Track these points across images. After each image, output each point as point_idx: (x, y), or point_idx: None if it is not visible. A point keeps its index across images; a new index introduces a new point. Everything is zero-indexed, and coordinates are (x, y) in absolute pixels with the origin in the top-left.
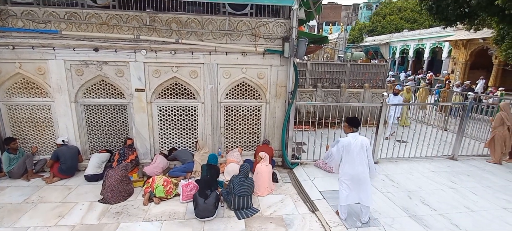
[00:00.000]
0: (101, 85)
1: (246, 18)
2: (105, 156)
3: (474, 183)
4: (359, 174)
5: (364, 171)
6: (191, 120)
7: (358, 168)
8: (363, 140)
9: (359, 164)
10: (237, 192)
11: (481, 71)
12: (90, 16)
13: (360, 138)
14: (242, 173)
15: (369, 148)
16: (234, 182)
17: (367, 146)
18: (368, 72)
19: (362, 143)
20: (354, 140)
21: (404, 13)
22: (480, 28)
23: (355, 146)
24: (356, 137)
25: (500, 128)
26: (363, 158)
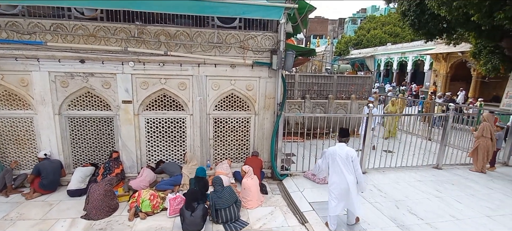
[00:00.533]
0: (87, 97)
1: (234, 31)
2: (89, 169)
3: (458, 191)
4: (346, 184)
5: (351, 181)
6: (180, 131)
7: (346, 177)
8: (349, 151)
9: (346, 173)
10: (220, 205)
11: (461, 82)
12: (77, 28)
13: (346, 149)
14: (216, 184)
15: (356, 159)
16: (213, 198)
17: (353, 156)
18: (354, 84)
19: (348, 153)
20: (340, 150)
21: (387, 27)
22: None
23: (340, 156)
24: (343, 147)
25: (483, 138)
26: (350, 168)
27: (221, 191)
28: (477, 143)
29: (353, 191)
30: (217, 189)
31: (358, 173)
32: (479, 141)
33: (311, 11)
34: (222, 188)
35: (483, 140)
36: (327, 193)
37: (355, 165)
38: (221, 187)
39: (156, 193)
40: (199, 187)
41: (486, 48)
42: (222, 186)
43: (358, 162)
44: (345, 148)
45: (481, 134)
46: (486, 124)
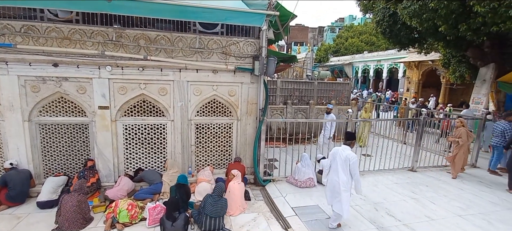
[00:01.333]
0: (60, 102)
1: (216, 37)
2: (61, 179)
3: (432, 193)
4: (338, 183)
5: (343, 181)
6: (160, 138)
7: (339, 176)
8: (350, 154)
9: (341, 173)
10: (209, 212)
11: (432, 89)
12: (50, 30)
13: (347, 152)
14: (216, 192)
15: (354, 163)
16: (206, 202)
17: (351, 160)
18: (334, 90)
19: (347, 156)
20: (342, 151)
21: (364, 36)
22: (429, 51)
23: (340, 157)
24: (345, 149)
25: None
26: (346, 169)
27: (217, 200)
28: (459, 149)
29: (343, 191)
30: (215, 196)
31: (355, 177)
32: (463, 146)
33: (292, 18)
34: (219, 198)
35: (464, 146)
36: (309, 197)
37: (353, 169)
38: (219, 197)
39: (134, 203)
40: (180, 195)
41: (454, 57)
42: (221, 197)
43: (356, 166)
44: (347, 150)
45: (466, 139)
46: (465, 128)
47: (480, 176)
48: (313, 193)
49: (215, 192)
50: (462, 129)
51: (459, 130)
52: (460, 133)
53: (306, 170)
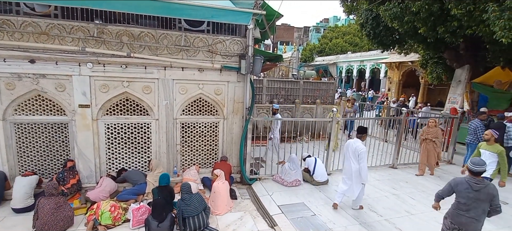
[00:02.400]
0: (38, 101)
1: (202, 35)
2: (33, 179)
3: (412, 188)
4: (350, 170)
5: (354, 168)
6: (144, 137)
7: (351, 164)
8: (359, 146)
9: (353, 162)
10: (188, 213)
11: (412, 89)
12: (26, 25)
13: (358, 144)
14: (184, 192)
15: (361, 153)
16: (180, 206)
17: (359, 151)
18: (319, 89)
19: (357, 148)
20: (353, 143)
21: (348, 37)
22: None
23: (351, 148)
24: (356, 142)
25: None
26: (356, 159)
27: (189, 199)
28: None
29: (354, 178)
30: (184, 197)
31: (361, 165)
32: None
33: (278, 18)
34: (190, 195)
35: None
36: (295, 196)
37: (360, 158)
38: (189, 195)
39: (117, 204)
40: (163, 196)
41: (432, 59)
42: (190, 193)
43: (363, 156)
44: (358, 143)
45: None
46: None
47: (455, 172)
48: (299, 191)
49: (183, 192)
50: (438, 129)
51: (435, 129)
52: (437, 132)
53: (294, 172)
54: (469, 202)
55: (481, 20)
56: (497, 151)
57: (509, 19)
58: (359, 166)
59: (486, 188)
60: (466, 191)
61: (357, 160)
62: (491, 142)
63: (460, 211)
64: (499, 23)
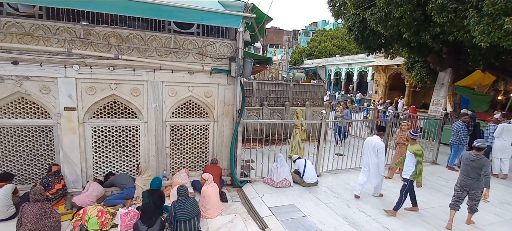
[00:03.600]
0: (21, 103)
1: (192, 37)
2: (10, 187)
3: (398, 188)
4: (369, 163)
5: (373, 162)
6: (133, 140)
7: (369, 158)
8: (378, 142)
9: (372, 156)
10: (181, 217)
11: (398, 91)
12: (9, 25)
13: (376, 140)
14: (180, 195)
15: (380, 149)
16: (175, 208)
17: (379, 147)
18: (308, 92)
19: (376, 144)
20: (373, 139)
21: (336, 40)
22: (394, 56)
23: (371, 144)
24: (375, 138)
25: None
26: (374, 153)
27: (184, 202)
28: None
29: (372, 170)
30: (180, 200)
31: (379, 159)
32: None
33: (268, 21)
34: (186, 199)
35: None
36: (285, 197)
37: (379, 153)
38: (185, 198)
39: (104, 209)
40: (153, 200)
41: (417, 62)
42: (187, 197)
43: (382, 152)
44: (376, 139)
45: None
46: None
47: (439, 171)
48: (289, 192)
49: (179, 195)
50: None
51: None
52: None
53: (282, 170)
54: (468, 169)
55: (462, 26)
56: (414, 151)
57: (487, 24)
58: (378, 160)
59: (479, 160)
60: (466, 161)
61: (376, 155)
62: (411, 142)
63: (463, 176)
64: (478, 28)
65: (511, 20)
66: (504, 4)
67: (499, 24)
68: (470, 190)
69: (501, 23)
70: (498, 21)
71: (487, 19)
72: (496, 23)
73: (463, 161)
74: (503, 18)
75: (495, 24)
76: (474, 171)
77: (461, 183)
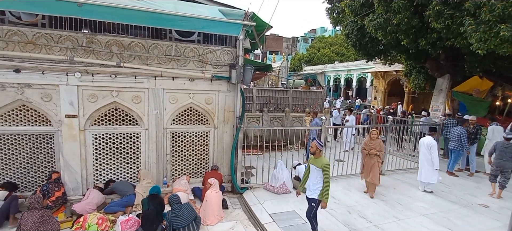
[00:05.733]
0: (22, 111)
1: (193, 45)
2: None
3: (399, 194)
4: (423, 161)
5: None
6: (133, 147)
7: (423, 156)
8: (430, 141)
9: (425, 154)
10: (178, 224)
11: (397, 97)
12: (11, 34)
13: (429, 140)
14: (174, 204)
15: (433, 147)
16: (171, 217)
17: (430, 145)
18: (308, 98)
19: (428, 143)
20: (425, 139)
21: (335, 47)
22: (393, 62)
23: (424, 143)
24: (428, 138)
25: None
26: (427, 152)
27: (179, 209)
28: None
29: (427, 166)
30: (175, 208)
31: (433, 156)
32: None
33: (268, 29)
34: (180, 206)
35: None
36: (286, 204)
37: (432, 151)
38: (179, 205)
39: (105, 216)
40: (154, 206)
41: (415, 68)
42: (180, 204)
43: (435, 149)
44: (429, 139)
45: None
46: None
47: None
48: (290, 199)
49: (172, 203)
50: (381, 142)
51: (378, 142)
52: (381, 145)
53: (281, 174)
54: (502, 153)
55: (459, 33)
56: (321, 166)
57: (484, 32)
58: (431, 156)
59: (510, 147)
60: (501, 147)
61: (430, 152)
62: (317, 155)
63: (498, 160)
64: (475, 35)
65: (507, 27)
66: (502, 11)
67: (495, 32)
68: (503, 169)
69: (497, 31)
70: (494, 29)
71: (483, 26)
72: (492, 31)
73: (499, 148)
74: (499, 25)
75: (491, 32)
76: (507, 155)
77: (496, 163)
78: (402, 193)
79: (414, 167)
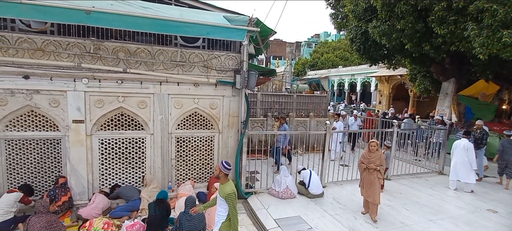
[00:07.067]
0: (30, 116)
1: (198, 51)
2: (14, 196)
3: (405, 199)
4: (459, 162)
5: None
6: (139, 152)
7: (459, 158)
8: (467, 143)
9: (462, 156)
10: (188, 228)
11: (401, 101)
12: (21, 41)
13: (465, 142)
14: (188, 206)
15: (470, 149)
16: (181, 220)
17: (467, 147)
18: (312, 103)
19: (464, 145)
20: (462, 142)
21: (338, 52)
22: (397, 67)
23: (460, 145)
24: (463, 140)
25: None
26: (465, 153)
27: (192, 214)
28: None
29: (465, 167)
30: (188, 211)
31: (470, 157)
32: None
33: (272, 34)
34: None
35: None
36: (291, 209)
37: (469, 152)
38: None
39: (110, 221)
40: (160, 211)
41: (420, 72)
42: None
43: (471, 150)
44: (465, 141)
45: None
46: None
47: (447, 182)
48: (295, 204)
49: (187, 206)
50: (381, 154)
51: (378, 154)
52: (381, 158)
53: (284, 180)
54: (508, 150)
55: (463, 37)
56: (224, 195)
57: (487, 37)
58: (468, 157)
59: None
60: (507, 144)
61: (467, 154)
62: (221, 180)
63: (504, 154)
64: (478, 40)
65: (509, 33)
66: (504, 16)
67: (498, 37)
68: (508, 163)
69: (499, 36)
70: (497, 34)
71: (487, 32)
72: (495, 36)
73: (505, 145)
74: (501, 31)
75: (494, 37)
76: (511, 150)
77: (502, 158)
78: (408, 198)
79: (419, 172)
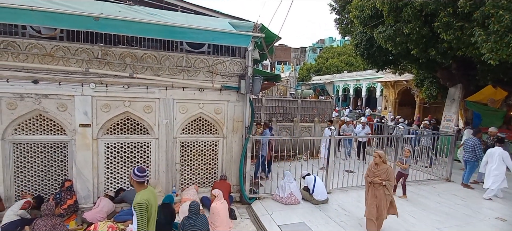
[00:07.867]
0: (38, 120)
1: (203, 56)
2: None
3: (412, 207)
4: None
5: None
6: (144, 156)
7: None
8: (502, 152)
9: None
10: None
11: (408, 107)
12: (31, 47)
13: (500, 150)
14: (192, 212)
15: (507, 156)
16: (185, 225)
17: (504, 154)
18: (317, 108)
19: (499, 153)
20: (496, 150)
21: (343, 57)
22: (403, 72)
23: (495, 153)
24: (498, 149)
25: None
26: (500, 160)
27: (195, 219)
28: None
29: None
30: (191, 217)
31: (507, 163)
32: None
33: (276, 40)
34: (196, 216)
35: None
36: (295, 215)
37: (505, 159)
38: (196, 215)
39: (115, 225)
40: (164, 215)
41: (426, 78)
42: (198, 215)
43: (507, 157)
44: (499, 149)
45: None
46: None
47: (454, 189)
48: (299, 210)
49: (191, 212)
50: (388, 167)
51: (384, 167)
52: (388, 172)
53: (288, 185)
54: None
55: (470, 43)
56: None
57: (495, 42)
58: (506, 162)
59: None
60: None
61: (503, 162)
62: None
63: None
64: (486, 45)
65: None
66: (510, 22)
67: (506, 42)
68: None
69: (508, 41)
70: (505, 39)
71: (494, 37)
72: (503, 41)
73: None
74: (509, 35)
75: (503, 42)
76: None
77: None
78: (415, 206)
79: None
